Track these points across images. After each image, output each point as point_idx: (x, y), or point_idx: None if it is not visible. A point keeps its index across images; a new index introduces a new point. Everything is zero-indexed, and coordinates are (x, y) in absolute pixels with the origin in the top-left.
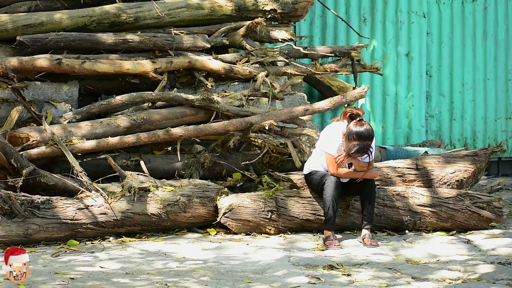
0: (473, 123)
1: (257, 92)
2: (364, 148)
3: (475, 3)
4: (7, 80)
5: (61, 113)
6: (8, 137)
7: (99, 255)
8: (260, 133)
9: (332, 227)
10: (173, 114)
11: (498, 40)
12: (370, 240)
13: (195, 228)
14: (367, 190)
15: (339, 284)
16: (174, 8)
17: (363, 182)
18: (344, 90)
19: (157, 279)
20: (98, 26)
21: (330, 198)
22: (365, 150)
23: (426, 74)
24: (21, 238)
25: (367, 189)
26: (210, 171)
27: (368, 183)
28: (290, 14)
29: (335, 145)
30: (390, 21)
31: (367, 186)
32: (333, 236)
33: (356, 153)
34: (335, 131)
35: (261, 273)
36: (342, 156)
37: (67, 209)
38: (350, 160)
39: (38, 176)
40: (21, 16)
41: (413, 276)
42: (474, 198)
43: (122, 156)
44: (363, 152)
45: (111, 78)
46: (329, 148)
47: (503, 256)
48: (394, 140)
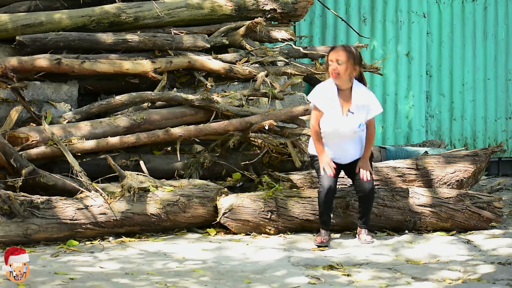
0: (473, 123)
1: (257, 92)
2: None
3: (475, 3)
4: (7, 80)
5: (61, 113)
6: (8, 137)
7: (99, 255)
8: (260, 133)
9: (324, 226)
10: (173, 114)
11: (498, 40)
12: (365, 236)
13: (194, 228)
14: (362, 187)
15: (339, 284)
16: (174, 8)
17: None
18: None
19: (156, 279)
20: (97, 26)
21: (321, 203)
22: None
23: (426, 74)
24: (20, 238)
25: (363, 185)
26: (210, 171)
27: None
28: (290, 14)
29: (317, 92)
30: (390, 21)
31: (363, 183)
32: (325, 232)
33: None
34: (321, 84)
35: (261, 273)
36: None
37: (67, 209)
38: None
39: (38, 176)
40: (21, 16)
41: (413, 276)
42: (474, 198)
43: (121, 156)
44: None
45: (110, 78)
46: (311, 94)
47: (503, 256)
48: (394, 140)
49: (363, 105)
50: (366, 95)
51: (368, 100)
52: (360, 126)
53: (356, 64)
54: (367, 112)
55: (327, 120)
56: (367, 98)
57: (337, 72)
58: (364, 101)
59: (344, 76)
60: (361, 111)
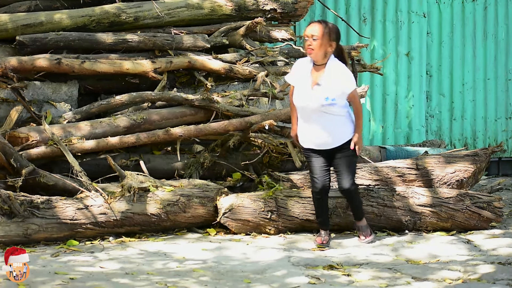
0: (473, 123)
1: (257, 92)
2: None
3: (475, 3)
4: (7, 80)
5: (61, 113)
6: (8, 137)
7: (99, 255)
8: (260, 133)
9: (322, 226)
10: (173, 114)
11: (498, 40)
12: (362, 235)
13: (195, 228)
14: (341, 184)
15: (339, 284)
16: (174, 8)
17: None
18: None
19: (156, 279)
20: (97, 26)
21: (315, 203)
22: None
23: (426, 74)
24: (20, 238)
25: (341, 183)
26: (210, 171)
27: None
28: (290, 14)
29: (293, 67)
30: (390, 20)
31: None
32: (325, 233)
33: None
34: (300, 59)
35: (261, 273)
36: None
37: (67, 209)
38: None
39: (38, 176)
40: (21, 16)
41: (413, 276)
42: (474, 198)
43: (121, 156)
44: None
45: (110, 78)
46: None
47: (503, 256)
48: (394, 140)
49: (333, 79)
50: (338, 70)
51: (340, 74)
52: (327, 100)
53: (332, 40)
54: (340, 87)
55: (297, 94)
56: (338, 72)
57: (312, 48)
58: (335, 75)
59: (319, 52)
60: (331, 85)
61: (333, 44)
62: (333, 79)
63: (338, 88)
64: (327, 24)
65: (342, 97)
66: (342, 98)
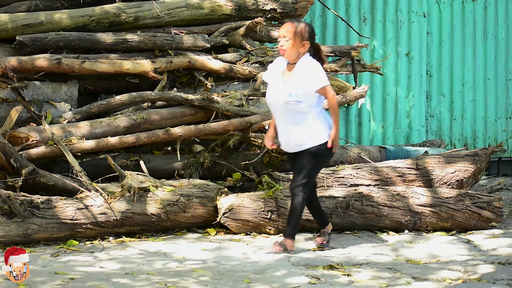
0: (473, 123)
1: (257, 91)
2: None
3: (475, 3)
4: (7, 80)
5: (61, 113)
6: (8, 137)
7: (99, 255)
8: (260, 133)
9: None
10: (173, 114)
11: (498, 40)
12: (277, 245)
13: (195, 228)
14: (291, 181)
15: (339, 284)
16: (174, 8)
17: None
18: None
19: (156, 279)
20: (97, 25)
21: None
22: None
23: (426, 74)
24: (20, 238)
25: (292, 179)
26: (210, 171)
27: (295, 174)
28: (290, 14)
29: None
30: (390, 20)
31: (293, 176)
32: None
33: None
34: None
35: (261, 273)
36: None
37: (67, 209)
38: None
39: (38, 176)
40: (21, 16)
41: (413, 276)
42: (474, 198)
43: (121, 156)
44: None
45: (110, 78)
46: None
47: (503, 256)
48: (394, 140)
49: (299, 76)
50: (306, 68)
51: (307, 72)
52: (291, 96)
53: (304, 40)
54: (304, 84)
55: (267, 91)
56: (306, 70)
57: (284, 48)
58: (301, 73)
59: (291, 52)
60: (296, 82)
61: (306, 44)
62: (299, 77)
63: (302, 86)
64: (300, 24)
65: (309, 96)
66: (309, 97)
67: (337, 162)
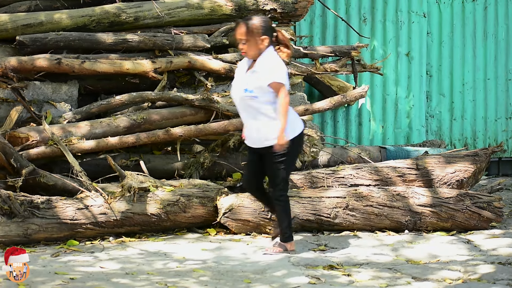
0: (474, 123)
1: None
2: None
3: (475, 3)
4: (7, 80)
5: (61, 113)
6: (8, 137)
7: (99, 255)
8: None
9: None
10: (173, 114)
11: (498, 40)
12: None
13: (195, 228)
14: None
15: (339, 284)
16: (174, 8)
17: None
18: (344, 90)
19: (157, 279)
20: (98, 25)
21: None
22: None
23: (426, 74)
24: (20, 238)
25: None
26: (210, 171)
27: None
28: (290, 14)
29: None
30: (390, 20)
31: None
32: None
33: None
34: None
35: (261, 273)
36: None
37: (67, 209)
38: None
39: (38, 176)
40: (21, 16)
41: (413, 276)
42: (474, 198)
43: (121, 156)
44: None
45: (110, 78)
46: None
47: (503, 256)
48: (394, 140)
49: (256, 71)
50: (264, 63)
51: (263, 67)
52: (246, 91)
53: (261, 36)
54: (258, 79)
55: (231, 87)
56: (263, 65)
57: (244, 51)
58: (259, 68)
59: (251, 52)
60: (251, 77)
61: (265, 39)
62: (256, 72)
63: (255, 80)
64: (252, 21)
65: (264, 91)
66: (264, 92)
67: (337, 162)
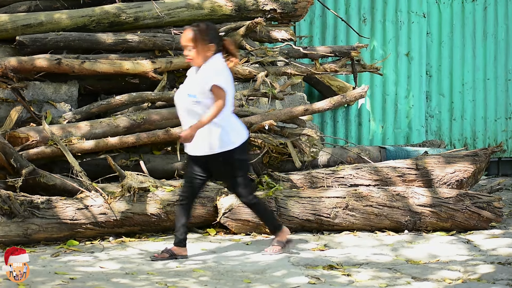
0: (473, 123)
1: (257, 92)
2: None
3: (475, 3)
4: (7, 80)
5: (61, 113)
6: (8, 137)
7: (99, 255)
8: (260, 133)
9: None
10: (173, 114)
11: (498, 40)
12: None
13: (194, 228)
14: (239, 198)
15: (339, 284)
16: (174, 8)
17: (232, 189)
18: (344, 90)
19: (156, 279)
20: (97, 26)
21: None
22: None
23: (426, 74)
24: (20, 238)
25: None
26: None
27: (237, 190)
28: (290, 14)
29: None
30: (390, 21)
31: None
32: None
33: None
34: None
35: (261, 273)
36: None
37: (67, 209)
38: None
39: (38, 176)
40: (21, 16)
41: (413, 276)
42: (474, 198)
43: (121, 156)
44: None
45: (110, 78)
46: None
47: (503, 256)
48: (394, 140)
49: (199, 76)
50: (207, 68)
51: (206, 72)
52: (190, 96)
53: (208, 43)
54: (200, 83)
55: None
56: (206, 70)
57: (190, 58)
58: (202, 73)
59: (198, 59)
60: (194, 82)
61: (211, 46)
62: (199, 77)
63: (198, 85)
64: (198, 28)
65: (206, 96)
66: (206, 97)
67: (337, 162)
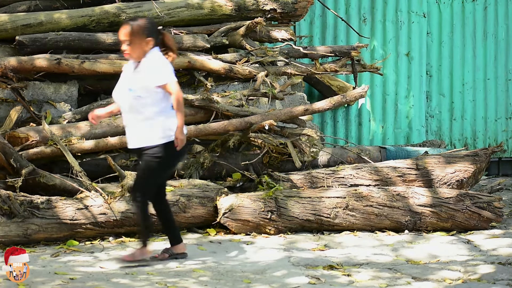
0: (473, 123)
1: (257, 92)
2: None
3: (475, 3)
4: (7, 80)
5: (61, 113)
6: (8, 137)
7: (99, 255)
8: (260, 133)
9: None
10: None
11: (498, 40)
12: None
13: (194, 228)
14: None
15: (339, 284)
16: (173, 8)
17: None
18: (344, 90)
19: (156, 279)
20: (97, 25)
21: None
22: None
23: (426, 74)
24: (20, 238)
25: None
26: (210, 171)
27: (135, 181)
28: (290, 14)
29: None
30: (390, 20)
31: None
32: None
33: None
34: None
35: (261, 273)
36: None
37: (67, 209)
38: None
39: (38, 176)
40: (20, 16)
41: (413, 276)
42: (474, 198)
43: (121, 156)
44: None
45: (110, 78)
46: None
47: (503, 256)
48: (394, 140)
49: (142, 71)
50: (149, 63)
51: (149, 67)
52: (131, 91)
53: (145, 38)
54: (143, 80)
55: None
56: (148, 65)
57: (127, 52)
58: (144, 69)
59: (135, 54)
60: (136, 78)
61: (149, 40)
62: (141, 72)
63: (141, 81)
64: (136, 23)
65: (149, 91)
66: (149, 92)
67: (337, 162)
